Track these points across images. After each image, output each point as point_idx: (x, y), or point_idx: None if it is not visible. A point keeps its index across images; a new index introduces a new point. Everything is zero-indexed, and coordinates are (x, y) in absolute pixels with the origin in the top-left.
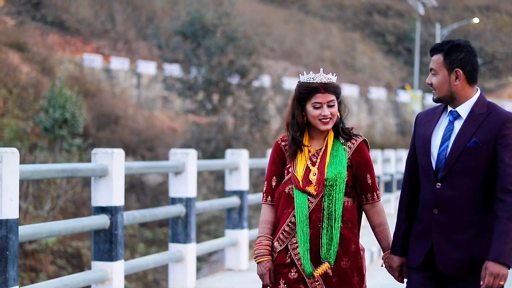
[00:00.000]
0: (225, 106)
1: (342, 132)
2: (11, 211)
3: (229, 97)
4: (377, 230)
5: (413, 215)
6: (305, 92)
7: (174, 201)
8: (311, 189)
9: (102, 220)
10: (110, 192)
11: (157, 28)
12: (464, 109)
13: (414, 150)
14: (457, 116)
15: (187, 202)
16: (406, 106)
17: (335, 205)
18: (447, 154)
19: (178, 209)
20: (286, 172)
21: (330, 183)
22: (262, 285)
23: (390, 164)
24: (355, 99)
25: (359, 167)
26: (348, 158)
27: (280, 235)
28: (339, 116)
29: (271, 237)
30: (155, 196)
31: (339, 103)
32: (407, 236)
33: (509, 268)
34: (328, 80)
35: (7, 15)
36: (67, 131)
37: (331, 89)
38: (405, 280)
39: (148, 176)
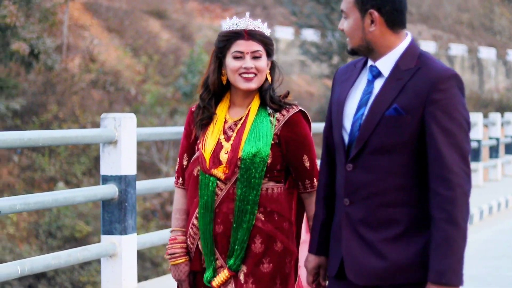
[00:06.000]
0: None
1: (270, 100)
2: (129, 168)
3: None
4: (310, 224)
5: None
6: (225, 39)
7: None
8: (219, 171)
9: None
10: None
11: None
12: (386, 64)
13: (330, 120)
14: (377, 74)
15: None
16: None
17: (250, 193)
18: (360, 125)
19: None
20: (196, 148)
21: (246, 165)
22: None
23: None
24: (493, 61)
25: (291, 146)
26: (275, 134)
27: (190, 230)
28: (269, 79)
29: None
30: None
31: (272, 66)
32: (326, 229)
33: (457, 287)
34: (255, 28)
35: None
36: None
37: (258, 36)
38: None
39: None
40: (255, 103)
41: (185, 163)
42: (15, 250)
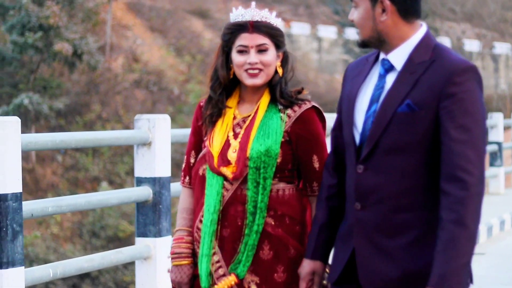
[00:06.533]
0: None
1: (280, 95)
2: (164, 170)
3: None
4: None
5: (338, 206)
6: (229, 32)
7: None
8: (227, 170)
9: None
10: None
11: None
12: (398, 57)
13: (340, 117)
14: (390, 68)
15: None
16: None
17: (259, 194)
18: (372, 122)
19: None
20: (203, 146)
21: (255, 164)
22: None
23: None
24: None
25: (301, 145)
26: (286, 131)
27: (196, 234)
28: (279, 72)
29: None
30: None
31: (284, 57)
32: (325, 233)
33: None
34: (262, 18)
35: None
36: None
37: (263, 28)
38: None
39: None
40: (265, 98)
41: (192, 161)
42: (59, 249)
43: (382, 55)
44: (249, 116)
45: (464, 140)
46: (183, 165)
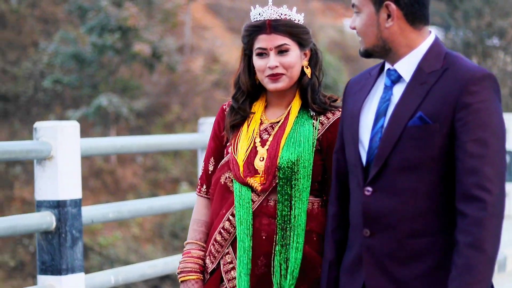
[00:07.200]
0: None
1: (312, 100)
2: None
3: (488, 60)
4: None
5: (345, 239)
6: (247, 34)
7: None
8: (255, 181)
9: None
10: None
11: None
12: (406, 66)
13: (342, 137)
14: (397, 78)
15: None
16: None
17: (294, 209)
18: (380, 139)
19: None
20: (225, 152)
21: (285, 175)
22: None
23: None
24: None
25: (331, 153)
26: (317, 139)
27: (211, 247)
28: (306, 72)
29: (204, 246)
30: None
31: (312, 55)
32: (335, 270)
33: None
34: (281, 16)
35: None
36: None
37: (282, 27)
38: None
39: None
40: (296, 103)
41: (211, 168)
42: (140, 250)
43: (387, 66)
44: (278, 122)
45: (480, 155)
46: (200, 173)
